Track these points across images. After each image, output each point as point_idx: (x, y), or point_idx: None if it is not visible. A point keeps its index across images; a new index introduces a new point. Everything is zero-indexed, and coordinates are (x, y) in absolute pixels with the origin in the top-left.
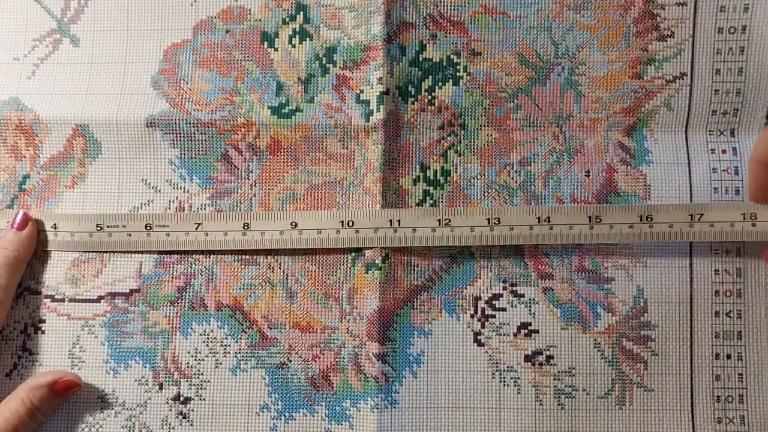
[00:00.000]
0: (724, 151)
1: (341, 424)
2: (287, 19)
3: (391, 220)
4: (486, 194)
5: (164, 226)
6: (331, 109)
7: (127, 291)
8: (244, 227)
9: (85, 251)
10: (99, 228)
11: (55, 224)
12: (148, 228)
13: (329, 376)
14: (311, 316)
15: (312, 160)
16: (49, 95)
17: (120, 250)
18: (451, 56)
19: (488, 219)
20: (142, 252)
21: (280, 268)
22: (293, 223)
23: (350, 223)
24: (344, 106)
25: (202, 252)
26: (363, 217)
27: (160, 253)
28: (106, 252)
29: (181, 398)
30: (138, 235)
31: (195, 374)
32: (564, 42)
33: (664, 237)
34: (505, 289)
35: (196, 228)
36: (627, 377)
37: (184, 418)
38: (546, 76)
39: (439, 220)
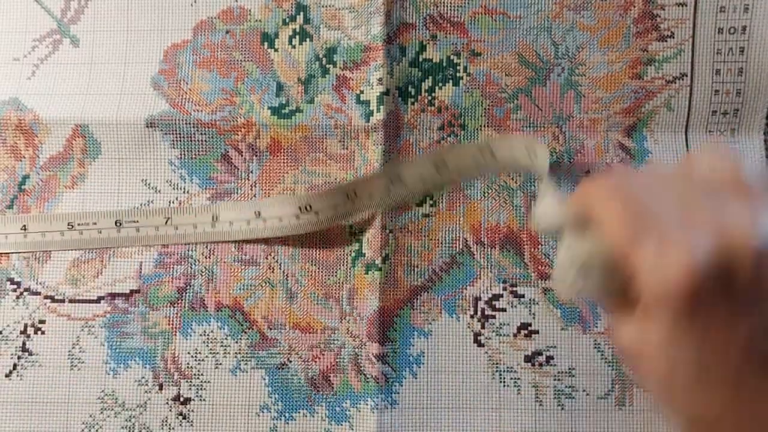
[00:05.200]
0: None
1: (341, 425)
2: (287, 20)
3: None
4: (486, 194)
5: (134, 221)
6: (331, 109)
7: (127, 291)
8: (213, 219)
9: (56, 250)
10: (70, 227)
11: (24, 225)
12: (118, 224)
13: (329, 376)
14: (311, 316)
15: (312, 160)
16: (48, 95)
17: (91, 248)
18: (451, 57)
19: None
20: (111, 248)
21: (280, 268)
22: (257, 212)
23: (308, 208)
24: (344, 107)
25: (202, 252)
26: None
27: (160, 249)
28: (83, 249)
29: (181, 399)
30: (108, 231)
31: (195, 375)
32: (564, 42)
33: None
34: (505, 289)
35: (166, 222)
36: (627, 378)
37: (184, 418)
38: (546, 77)
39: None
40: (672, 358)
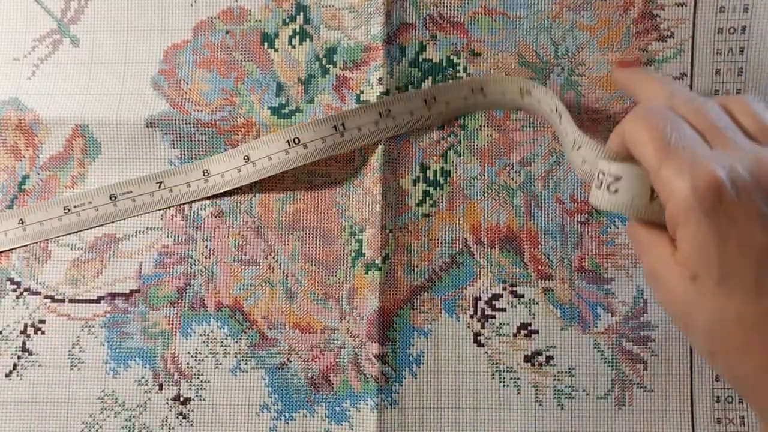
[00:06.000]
0: None
1: (341, 425)
2: (287, 20)
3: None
4: (486, 194)
5: (128, 192)
6: (331, 109)
7: (127, 291)
8: (204, 174)
9: (57, 236)
10: (66, 210)
11: (21, 219)
12: (113, 198)
13: (329, 376)
14: (311, 316)
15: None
16: (48, 95)
17: (92, 227)
18: (451, 57)
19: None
20: (112, 223)
21: (280, 268)
22: (246, 157)
23: (297, 141)
24: (344, 107)
25: (202, 252)
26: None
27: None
28: (82, 231)
29: (181, 398)
30: (105, 208)
31: (195, 375)
32: (564, 42)
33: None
34: (504, 289)
35: (159, 186)
36: (627, 378)
37: (184, 418)
38: (546, 77)
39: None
40: (697, 260)
